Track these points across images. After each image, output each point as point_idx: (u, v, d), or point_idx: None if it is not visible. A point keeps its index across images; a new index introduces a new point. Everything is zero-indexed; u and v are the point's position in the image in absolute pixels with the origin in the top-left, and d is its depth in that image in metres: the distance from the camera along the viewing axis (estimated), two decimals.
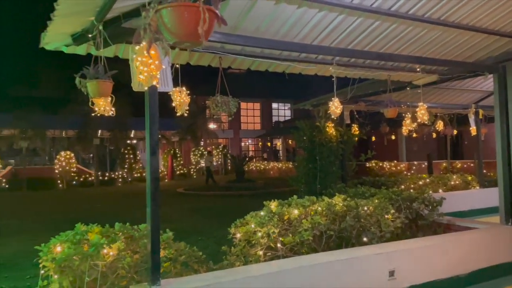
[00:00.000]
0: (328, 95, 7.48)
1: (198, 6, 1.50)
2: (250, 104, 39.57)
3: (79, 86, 3.19)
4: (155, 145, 3.40)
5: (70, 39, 3.59)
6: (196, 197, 16.00)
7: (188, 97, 4.06)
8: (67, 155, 23.41)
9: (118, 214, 11.12)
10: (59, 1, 2.65)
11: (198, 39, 1.56)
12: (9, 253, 7.33)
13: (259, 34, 4.07)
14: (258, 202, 5.38)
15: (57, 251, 3.18)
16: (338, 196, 4.99)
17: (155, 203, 3.36)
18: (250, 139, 40.23)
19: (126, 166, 25.48)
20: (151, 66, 2.18)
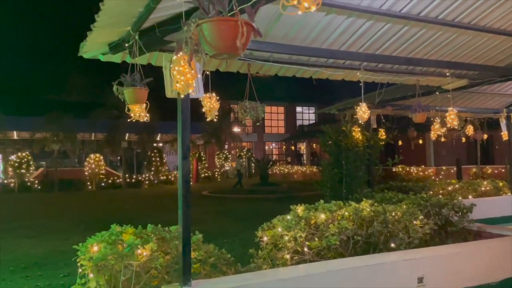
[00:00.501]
0: (355, 99, 7.47)
1: (237, 20, 1.58)
2: (274, 108, 39.60)
3: (117, 93, 3.34)
4: (186, 149, 3.52)
5: (107, 48, 3.76)
6: (221, 200, 16.16)
7: (217, 103, 4.17)
8: (96, 158, 24.08)
9: (145, 215, 11.39)
10: (100, 13, 2.80)
11: (236, 51, 1.64)
12: (43, 252, 7.63)
13: (287, 41, 4.15)
14: (283, 206, 5.44)
15: (94, 250, 3.33)
16: (365, 201, 4.98)
17: (187, 205, 3.47)
18: (274, 143, 40.25)
19: (152, 169, 25.98)
20: (187, 75, 2.28)
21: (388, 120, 8.61)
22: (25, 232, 9.56)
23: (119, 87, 3.34)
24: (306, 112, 42.33)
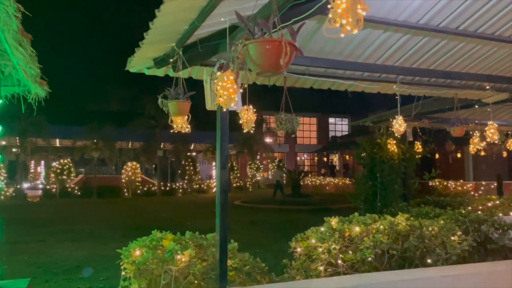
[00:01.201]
0: (390, 111, 7.42)
1: (281, 41, 1.69)
2: (307, 119, 39.54)
3: (161, 105, 3.53)
4: (225, 160, 3.65)
5: (152, 63, 3.98)
6: (253, 210, 16.26)
7: (254, 115, 4.29)
8: (133, 166, 24.83)
9: (180, 223, 11.65)
10: (149, 31, 3.00)
11: (280, 70, 1.75)
12: (84, 255, 7.96)
13: (323, 55, 4.23)
14: (315, 218, 5.46)
15: (136, 255, 3.50)
16: (401, 215, 4.93)
17: (224, 214, 3.58)
18: (305, 154, 40.10)
19: (186, 177, 26.49)
20: (230, 90, 2.42)
21: (425, 133, 8.47)
22: (67, 236, 10.01)
23: (163, 100, 3.52)
24: (339, 123, 41.98)
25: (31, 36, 3.06)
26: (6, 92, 5.14)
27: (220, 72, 3.02)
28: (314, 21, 3.72)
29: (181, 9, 2.71)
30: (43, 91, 4.75)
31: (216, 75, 3.74)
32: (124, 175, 24.55)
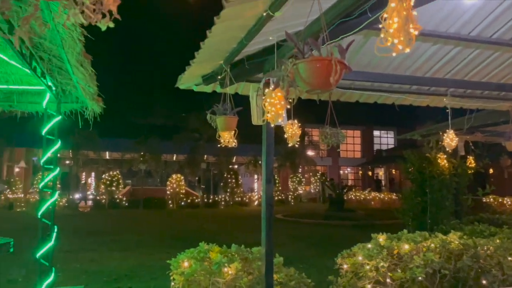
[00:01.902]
0: (440, 125, 7.17)
1: (330, 59, 1.72)
2: (350, 132, 38.84)
3: (210, 121, 3.64)
4: (270, 174, 3.69)
5: (201, 80, 4.13)
6: (295, 224, 16.12)
7: (299, 129, 4.31)
8: (177, 178, 25.45)
9: (223, 235, 11.78)
10: (199, 51, 3.13)
11: (330, 87, 1.78)
12: (131, 265, 8.22)
13: (370, 68, 4.20)
14: (360, 233, 5.34)
15: (184, 266, 3.59)
16: (453, 233, 4.72)
17: (270, 228, 3.61)
18: (349, 167, 39.30)
19: (228, 190, 26.77)
20: (277, 106, 2.46)
21: (478, 147, 8.08)
22: (116, 246, 10.40)
23: (212, 115, 3.64)
24: (384, 136, 40.86)
25: (91, 57, 3.29)
26: (65, 108, 5.51)
27: (267, 88, 3.09)
28: (361, 35, 3.72)
29: (230, 29, 2.81)
30: (99, 107, 5.05)
31: (261, 91, 3.82)
32: (169, 187, 25.21)
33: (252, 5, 2.43)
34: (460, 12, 3.37)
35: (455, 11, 3.36)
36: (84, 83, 3.89)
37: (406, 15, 1.32)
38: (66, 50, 3.06)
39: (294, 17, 2.93)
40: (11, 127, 19.53)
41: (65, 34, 2.67)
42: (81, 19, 0.95)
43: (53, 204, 4.90)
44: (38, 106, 5.51)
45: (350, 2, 2.36)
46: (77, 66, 3.34)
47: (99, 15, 0.96)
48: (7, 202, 22.08)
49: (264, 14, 2.52)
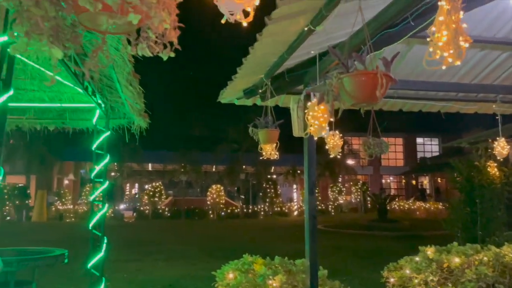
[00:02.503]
0: (489, 131, 6.88)
1: (376, 73, 1.72)
2: (391, 139, 37.70)
3: (251, 134, 3.70)
4: (312, 185, 3.68)
5: (242, 94, 4.21)
6: (336, 235, 15.83)
7: (341, 140, 4.27)
8: (217, 189, 25.77)
9: (264, 246, 11.76)
10: (242, 66, 3.21)
11: (376, 101, 1.77)
12: (176, 275, 8.38)
13: (413, 77, 4.11)
14: (404, 245, 5.17)
15: (229, 277, 3.64)
16: (507, 246, 4.49)
17: (313, 240, 3.59)
18: (391, 176, 38.16)
19: (267, 200, 26.76)
20: (320, 119, 2.47)
21: None
22: (160, 256, 10.66)
23: (253, 129, 3.69)
24: (428, 144, 39.38)
25: (139, 76, 3.45)
26: (113, 124, 5.78)
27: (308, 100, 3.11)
28: (404, 44, 3.66)
29: (271, 44, 2.86)
30: (145, 123, 5.26)
31: (302, 103, 3.83)
32: (209, 198, 25.57)
33: (293, 21, 2.47)
34: (508, 16, 3.25)
35: (503, 15, 3.24)
36: (132, 100, 4.08)
37: (455, 28, 1.30)
38: (116, 71, 3.23)
39: (335, 29, 2.94)
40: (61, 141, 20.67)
41: (116, 56, 2.83)
42: (148, 52, 1.02)
43: (103, 216, 5.12)
44: (88, 123, 5.81)
45: (392, 12, 2.34)
46: (126, 85, 3.52)
47: (161, 46, 1.03)
48: (57, 213, 23.23)
49: (305, 29, 2.55)
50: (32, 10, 0.81)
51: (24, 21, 0.83)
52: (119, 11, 0.84)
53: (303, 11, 2.36)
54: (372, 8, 2.53)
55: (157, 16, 0.90)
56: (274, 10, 2.20)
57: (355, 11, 2.44)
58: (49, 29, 0.85)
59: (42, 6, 0.81)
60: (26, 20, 0.83)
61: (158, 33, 0.97)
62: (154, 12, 0.89)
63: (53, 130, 5.98)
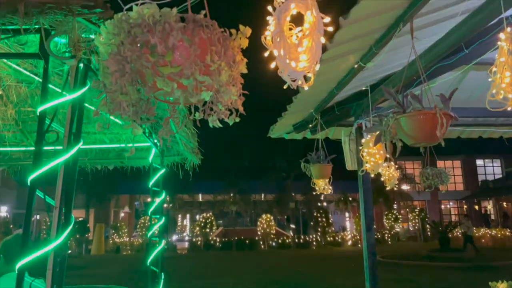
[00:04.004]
0: None
1: (435, 113, 1.67)
2: (449, 162, 35.82)
3: (304, 169, 3.69)
4: (370, 221, 3.57)
5: (292, 128, 4.24)
6: (395, 266, 15.02)
7: (396, 172, 4.14)
8: (267, 218, 25.59)
9: (320, 279, 11.40)
10: (291, 104, 3.24)
11: (437, 140, 1.72)
12: None
13: (471, 104, 3.93)
14: (470, 277, 4.79)
15: None
16: None
17: (374, 279, 3.44)
18: (451, 201, 35.99)
19: (319, 229, 26.11)
20: (376, 156, 2.42)
21: None
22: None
23: (306, 164, 3.68)
24: (489, 165, 36.91)
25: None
26: (168, 161, 6.01)
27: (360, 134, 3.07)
28: (458, 71, 3.54)
29: (322, 82, 2.88)
30: (198, 159, 5.42)
31: (354, 135, 3.78)
32: (259, 227, 25.41)
33: (344, 59, 2.48)
34: None
35: None
36: (186, 139, 4.24)
37: None
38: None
39: (386, 63, 2.92)
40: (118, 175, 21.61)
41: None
42: (218, 124, 1.08)
43: (160, 252, 5.25)
44: (145, 161, 6.08)
45: (447, 45, 2.29)
46: (181, 126, 3.67)
47: (227, 112, 1.08)
48: (114, 246, 24.05)
49: (355, 66, 2.55)
50: (118, 97, 0.90)
51: (109, 103, 0.92)
52: (193, 90, 0.91)
53: (353, 50, 2.38)
54: (423, 41, 2.49)
55: (226, 91, 0.96)
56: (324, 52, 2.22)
57: (405, 44, 2.42)
58: (132, 111, 0.93)
59: (125, 91, 0.89)
60: (110, 101, 0.92)
61: (228, 105, 1.03)
62: (224, 89, 0.95)
63: (112, 169, 6.32)
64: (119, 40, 0.90)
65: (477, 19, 2.03)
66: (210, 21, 0.96)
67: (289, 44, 1.02)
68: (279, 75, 1.02)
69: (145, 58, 0.87)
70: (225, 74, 0.94)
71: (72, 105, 2.34)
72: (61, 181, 2.24)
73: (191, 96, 0.93)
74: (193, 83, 0.90)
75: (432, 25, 2.39)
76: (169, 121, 1.06)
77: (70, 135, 2.31)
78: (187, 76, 0.88)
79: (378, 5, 1.95)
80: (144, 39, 0.89)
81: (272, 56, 1.03)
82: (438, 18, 2.32)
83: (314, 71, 1.05)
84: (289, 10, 1.03)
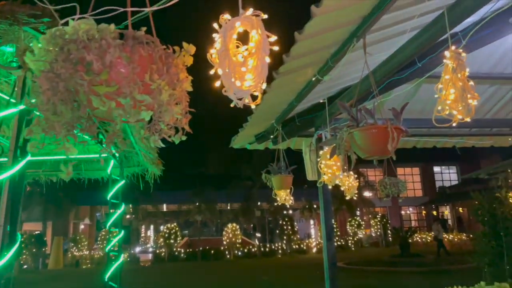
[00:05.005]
0: (508, 161, 6.73)
1: (386, 127, 1.71)
2: (408, 169, 37.18)
3: (265, 180, 3.68)
4: (330, 230, 3.60)
5: (254, 139, 4.24)
6: (358, 273, 15.29)
7: (356, 181, 4.22)
8: (233, 227, 25.41)
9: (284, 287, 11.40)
10: (252, 116, 3.24)
11: (388, 154, 1.75)
12: None
13: (425, 115, 4.09)
14: (430, 282, 4.94)
15: None
16: None
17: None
18: (411, 207, 37.24)
19: (284, 237, 26.21)
20: (334, 168, 2.45)
21: None
22: None
23: (267, 175, 3.68)
24: (446, 172, 38.61)
25: None
26: (128, 172, 5.85)
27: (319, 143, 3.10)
28: (412, 84, 3.67)
29: (281, 94, 2.90)
30: (159, 170, 5.31)
31: (314, 146, 3.83)
32: (225, 237, 25.18)
33: (301, 73, 2.51)
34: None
35: (510, 53, 3.25)
36: (145, 151, 4.14)
37: (462, 86, 1.30)
38: (130, 125, 3.30)
39: (344, 76, 2.98)
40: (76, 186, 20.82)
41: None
42: (160, 144, 1.05)
43: (119, 267, 5.07)
44: (103, 172, 5.89)
45: (401, 60, 2.37)
46: (139, 138, 3.59)
47: (172, 131, 1.05)
48: (73, 260, 23.06)
49: (313, 79, 2.59)
50: (50, 117, 0.85)
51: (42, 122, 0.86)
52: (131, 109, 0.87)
53: (310, 63, 2.40)
54: (376, 56, 2.56)
55: (168, 111, 0.93)
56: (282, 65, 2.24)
57: (360, 58, 2.47)
58: (65, 131, 0.88)
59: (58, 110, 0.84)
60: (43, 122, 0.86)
61: (170, 125, 1.00)
62: (165, 108, 0.92)
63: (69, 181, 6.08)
64: (52, 57, 0.85)
65: (427, 36, 2.11)
66: (151, 38, 0.93)
67: (234, 62, 1.01)
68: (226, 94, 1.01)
69: (79, 76, 0.83)
70: (166, 93, 0.91)
71: (19, 117, 2.22)
72: (6, 198, 2.11)
73: (130, 116, 0.89)
74: (131, 103, 0.86)
75: (384, 41, 2.47)
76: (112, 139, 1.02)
77: (16, 148, 2.19)
78: (125, 95, 0.84)
79: (331, 21, 1.98)
80: (79, 56, 0.84)
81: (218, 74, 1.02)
82: (390, 34, 2.40)
83: (261, 89, 1.04)
84: (234, 29, 1.02)
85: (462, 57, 1.46)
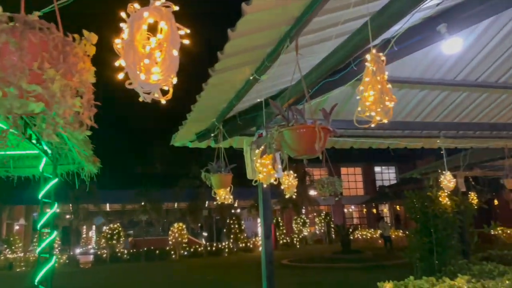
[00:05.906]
0: (438, 162, 7.17)
1: (314, 126, 1.74)
2: (351, 169, 38.69)
3: (204, 179, 3.63)
4: (268, 229, 3.63)
5: (195, 137, 4.18)
6: (302, 270, 15.66)
7: (295, 180, 4.29)
8: (179, 227, 24.98)
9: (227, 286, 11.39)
10: (191, 113, 3.19)
11: (315, 153, 1.79)
12: None
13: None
14: (368, 276, 5.17)
15: None
16: (460, 277, 4.58)
17: (271, 286, 3.50)
18: (353, 206, 38.77)
19: (231, 236, 26.21)
20: (268, 167, 2.46)
21: (479, 183, 8.01)
22: None
23: (206, 174, 3.63)
24: (386, 172, 40.63)
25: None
26: (62, 170, 5.52)
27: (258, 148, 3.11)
28: (349, 86, 3.80)
29: (220, 92, 2.87)
30: (95, 168, 5.07)
31: (255, 145, 3.84)
32: (171, 237, 24.69)
33: (240, 71, 2.50)
34: (443, 59, 3.47)
35: (438, 59, 3.46)
36: (78, 147, 3.93)
37: (381, 88, 1.35)
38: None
39: (281, 76, 3.01)
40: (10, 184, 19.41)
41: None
42: (55, 138, 0.97)
43: (50, 269, 4.79)
44: (35, 170, 5.53)
45: (334, 62, 2.43)
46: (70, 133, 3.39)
47: (76, 125, 0.98)
48: (6, 262, 21.52)
49: (251, 78, 2.59)
50: None
51: None
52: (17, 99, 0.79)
53: (247, 62, 2.40)
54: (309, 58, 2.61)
55: (61, 103, 0.86)
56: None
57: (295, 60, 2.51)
58: None
59: None
60: None
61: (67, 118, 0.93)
62: (58, 100, 0.85)
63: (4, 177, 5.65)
64: None
65: (356, 40, 2.18)
66: (46, 23, 0.86)
67: (140, 54, 0.96)
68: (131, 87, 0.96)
69: None
70: (57, 83, 0.84)
71: None
72: None
73: (17, 107, 0.82)
74: (16, 92, 0.79)
75: (319, 43, 2.53)
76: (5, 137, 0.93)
77: None
78: (10, 84, 0.77)
79: (264, 20, 1.99)
80: None
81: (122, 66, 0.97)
82: (323, 37, 2.46)
83: (171, 84, 1.01)
84: (143, 19, 0.97)
85: (381, 60, 1.52)
